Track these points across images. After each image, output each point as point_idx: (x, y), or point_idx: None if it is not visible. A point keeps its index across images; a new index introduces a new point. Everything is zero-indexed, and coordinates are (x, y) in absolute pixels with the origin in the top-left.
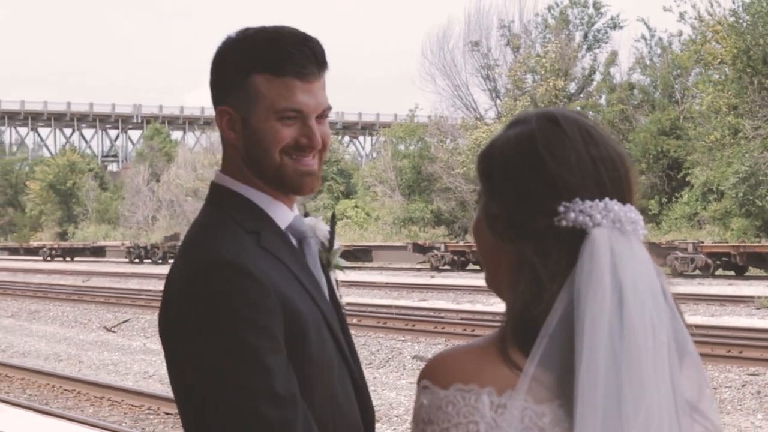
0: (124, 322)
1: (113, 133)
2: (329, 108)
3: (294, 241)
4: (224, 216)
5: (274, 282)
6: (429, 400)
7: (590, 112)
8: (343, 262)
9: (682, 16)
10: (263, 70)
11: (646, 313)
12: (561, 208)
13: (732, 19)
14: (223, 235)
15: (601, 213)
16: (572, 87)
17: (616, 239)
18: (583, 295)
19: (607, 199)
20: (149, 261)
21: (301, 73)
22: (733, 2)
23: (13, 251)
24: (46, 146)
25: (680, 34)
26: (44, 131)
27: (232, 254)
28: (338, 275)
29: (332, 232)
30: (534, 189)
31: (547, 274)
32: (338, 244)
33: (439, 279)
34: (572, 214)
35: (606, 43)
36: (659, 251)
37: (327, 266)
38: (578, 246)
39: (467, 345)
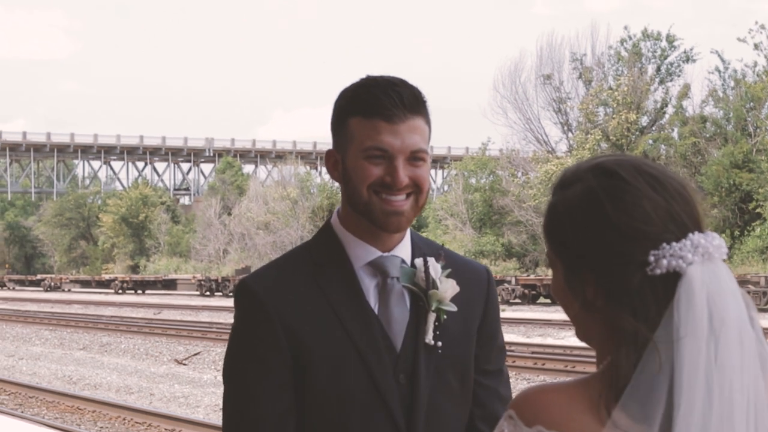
0: (195, 354)
1: (185, 166)
2: (422, 151)
3: (371, 279)
4: (305, 246)
5: (287, 312)
6: (510, 431)
7: (662, 146)
8: (448, 306)
9: (756, 46)
10: (356, 113)
11: (738, 345)
12: (651, 258)
13: None
14: (277, 262)
15: (691, 252)
16: (644, 120)
17: (708, 273)
18: (682, 337)
19: (690, 235)
20: (220, 294)
21: (386, 114)
22: None
23: (85, 284)
24: (119, 179)
25: (755, 65)
26: (117, 165)
27: (257, 281)
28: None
29: (427, 274)
30: (620, 247)
31: (648, 329)
32: (449, 287)
33: (510, 312)
34: (664, 261)
35: (679, 76)
36: None
37: (429, 308)
38: (673, 288)
39: (562, 384)
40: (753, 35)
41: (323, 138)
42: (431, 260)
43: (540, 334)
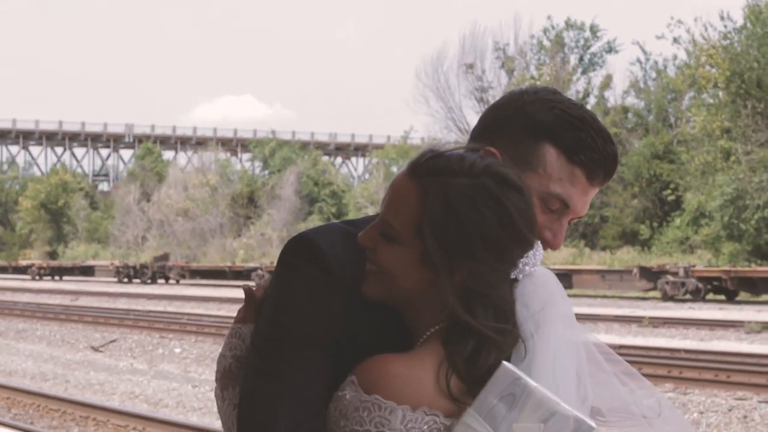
0: (112, 342)
1: (104, 152)
2: (579, 217)
3: None
4: None
5: (354, 279)
6: (350, 397)
7: None
8: None
9: (676, 40)
10: (558, 143)
11: (573, 323)
12: (520, 264)
13: (726, 42)
14: (343, 227)
15: (539, 259)
16: None
17: (540, 271)
18: (542, 326)
19: (536, 244)
20: (138, 281)
21: (592, 171)
22: (725, 26)
23: (2, 270)
24: (37, 165)
25: (675, 58)
26: (35, 150)
27: (318, 236)
28: None
29: None
30: (507, 249)
31: (500, 329)
32: None
33: None
34: (527, 267)
35: (601, 66)
36: (650, 275)
37: None
38: (513, 285)
39: (403, 355)
40: (672, 29)
41: (244, 125)
42: None
43: None
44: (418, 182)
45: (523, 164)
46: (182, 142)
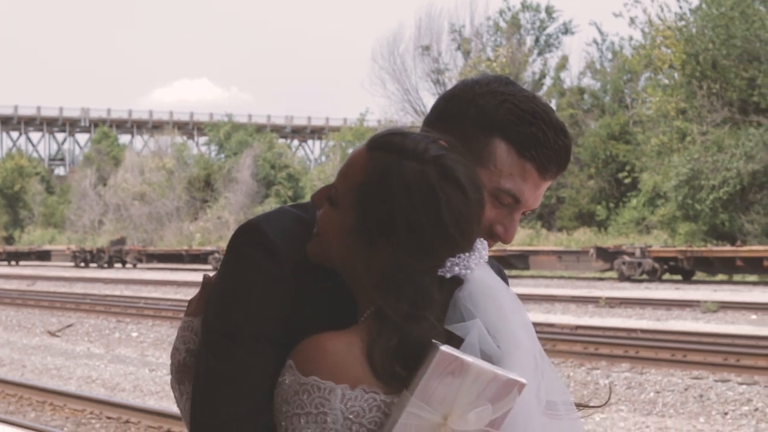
0: (68, 326)
1: (60, 136)
2: (531, 210)
3: None
4: None
5: (304, 264)
6: (289, 381)
7: None
8: None
9: (632, 20)
10: (509, 138)
11: (518, 314)
12: (448, 264)
13: (681, 23)
14: (283, 209)
15: (476, 261)
16: None
17: (481, 270)
18: (505, 332)
19: (477, 245)
20: (95, 265)
21: (543, 165)
22: (680, 8)
23: None
24: None
25: (631, 39)
26: None
27: (267, 223)
28: None
29: None
30: (432, 244)
31: (429, 309)
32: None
33: None
34: (456, 269)
35: (557, 48)
36: (606, 256)
37: None
38: (453, 286)
39: (340, 333)
40: (629, 9)
41: (200, 108)
42: None
43: None
44: (369, 155)
45: (474, 159)
46: (138, 126)
